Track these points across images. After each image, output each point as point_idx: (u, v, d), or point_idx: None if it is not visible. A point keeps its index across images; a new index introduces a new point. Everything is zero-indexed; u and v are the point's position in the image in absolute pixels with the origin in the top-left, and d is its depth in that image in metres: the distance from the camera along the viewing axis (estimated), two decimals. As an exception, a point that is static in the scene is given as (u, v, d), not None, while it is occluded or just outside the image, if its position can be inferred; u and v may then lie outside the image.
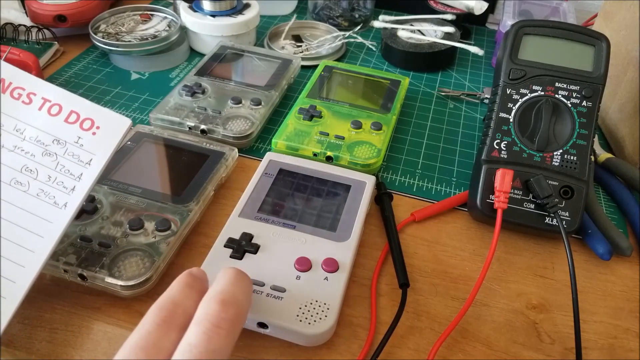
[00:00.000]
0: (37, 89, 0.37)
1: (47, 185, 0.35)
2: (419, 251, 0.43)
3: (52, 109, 0.37)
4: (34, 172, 0.35)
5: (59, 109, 0.37)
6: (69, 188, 0.35)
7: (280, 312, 0.34)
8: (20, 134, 0.36)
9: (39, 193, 0.35)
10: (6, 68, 0.37)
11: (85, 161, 0.35)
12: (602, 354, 0.37)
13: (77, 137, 0.36)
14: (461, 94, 0.62)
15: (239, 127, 0.51)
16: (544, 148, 0.44)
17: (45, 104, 0.37)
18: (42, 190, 0.35)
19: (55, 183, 0.35)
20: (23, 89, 0.37)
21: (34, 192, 0.35)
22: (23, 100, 0.37)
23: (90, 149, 0.36)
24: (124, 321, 0.36)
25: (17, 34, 0.65)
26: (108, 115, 0.37)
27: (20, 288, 0.33)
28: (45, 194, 0.35)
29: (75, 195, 0.35)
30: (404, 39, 0.66)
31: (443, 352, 0.36)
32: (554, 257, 0.43)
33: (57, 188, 0.35)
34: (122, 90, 0.59)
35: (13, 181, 0.35)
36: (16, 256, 0.33)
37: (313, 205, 0.42)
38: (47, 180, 0.35)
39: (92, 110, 0.37)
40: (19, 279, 0.33)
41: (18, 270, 0.33)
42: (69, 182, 0.35)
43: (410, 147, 0.54)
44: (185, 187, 0.43)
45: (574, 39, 0.46)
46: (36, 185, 0.35)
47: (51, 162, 0.35)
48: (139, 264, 0.37)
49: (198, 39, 0.66)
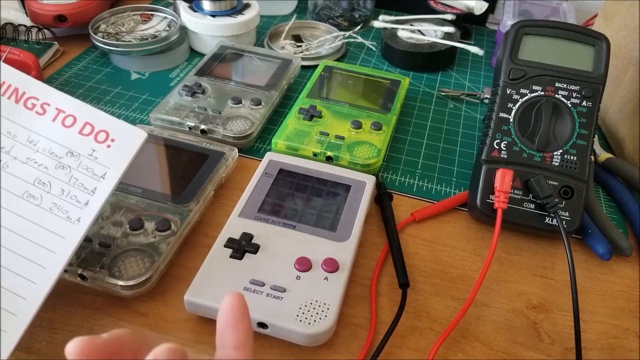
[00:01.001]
0: (51, 99, 0.36)
1: (60, 199, 0.34)
2: (419, 251, 0.43)
3: (67, 120, 0.35)
4: (47, 186, 0.34)
5: (73, 120, 0.35)
6: (83, 202, 0.34)
7: (280, 312, 0.34)
8: (33, 145, 0.35)
9: (51, 207, 0.34)
10: (20, 77, 0.36)
11: (99, 175, 0.34)
12: (602, 354, 0.37)
13: (92, 150, 0.35)
14: (461, 94, 0.62)
15: (239, 127, 0.51)
16: (544, 148, 0.44)
17: (60, 115, 0.36)
18: (55, 205, 0.34)
19: (69, 197, 0.34)
20: (37, 99, 0.36)
21: (46, 206, 0.34)
22: (37, 110, 0.36)
23: (104, 163, 0.35)
24: (124, 321, 0.36)
25: (17, 34, 0.65)
26: (123, 128, 0.35)
27: (32, 304, 0.32)
28: (58, 209, 0.34)
29: (89, 210, 0.34)
30: (404, 39, 0.66)
31: (443, 352, 0.36)
32: (554, 257, 0.43)
33: (70, 202, 0.34)
34: (122, 90, 0.59)
35: (26, 194, 0.34)
36: (28, 272, 0.32)
37: (313, 205, 0.42)
38: (60, 194, 0.34)
39: (107, 122, 0.35)
40: (30, 295, 0.32)
41: (29, 287, 0.32)
42: (83, 196, 0.34)
43: (410, 147, 0.54)
44: (185, 187, 0.43)
45: (574, 39, 0.46)
46: (49, 199, 0.34)
47: (65, 175, 0.34)
48: (139, 264, 0.37)
49: (198, 39, 0.66)
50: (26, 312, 0.31)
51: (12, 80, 0.36)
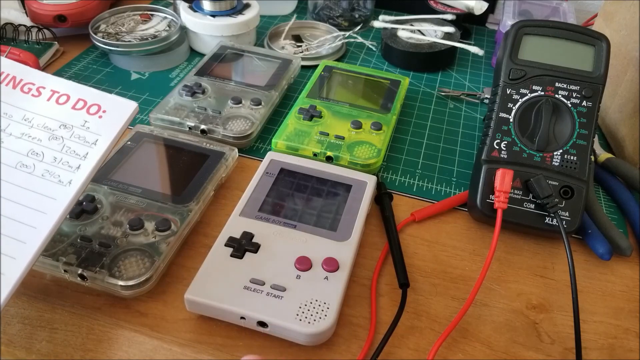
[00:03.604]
0: (47, 83, 0.38)
1: (53, 166, 0.35)
2: (419, 251, 0.43)
3: (60, 99, 0.38)
4: (40, 155, 0.36)
5: (67, 98, 0.38)
6: (74, 167, 0.35)
7: (280, 311, 0.34)
8: (28, 122, 0.37)
9: (44, 174, 0.35)
10: (17, 67, 0.39)
11: (91, 142, 0.36)
12: (602, 354, 0.37)
13: (84, 121, 0.37)
14: (461, 94, 0.62)
15: (239, 127, 0.51)
16: (544, 148, 0.44)
17: (54, 95, 0.38)
18: (48, 171, 0.35)
19: (61, 163, 0.36)
20: (33, 84, 0.38)
21: (39, 173, 0.35)
22: (32, 93, 0.38)
23: (96, 131, 0.37)
24: (124, 321, 0.36)
25: (17, 34, 0.65)
26: (114, 100, 0.38)
27: (20, 265, 0.33)
28: (50, 174, 0.35)
29: (80, 173, 0.35)
30: (404, 39, 0.66)
31: (443, 352, 0.36)
32: (554, 257, 0.43)
33: (62, 168, 0.35)
34: (122, 90, 0.59)
35: (19, 164, 0.35)
36: (18, 233, 0.33)
37: (314, 205, 0.42)
38: (52, 161, 0.36)
39: (99, 96, 0.38)
40: (19, 255, 0.33)
41: (19, 247, 0.33)
42: (74, 161, 0.36)
43: (410, 147, 0.54)
44: (185, 187, 0.43)
45: (574, 39, 0.46)
46: (42, 166, 0.35)
47: (57, 144, 0.36)
48: (139, 264, 0.37)
49: (198, 39, 0.66)
50: (14, 272, 0.32)
51: (10, 70, 0.39)
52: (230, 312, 0.34)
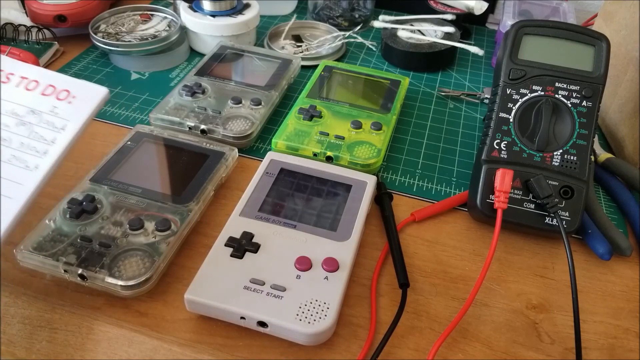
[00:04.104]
0: (16, 70, 0.39)
1: (19, 152, 0.36)
2: (419, 251, 0.43)
3: (29, 85, 0.38)
4: (7, 141, 0.36)
5: (36, 84, 0.38)
6: (41, 152, 0.36)
7: (280, 311, 0.34)
8: None
9: (10, 159, 0.36)
10: None
11: (59, 127, 0.37)
12: (602, 354, 0.37)
13: (53, 107, 0.37)
14: (461, 94, 0.62)
15: (239, 127, 0.51)
16: (544, 148, 0.44)
17: (23, 81, 0.38)
18: (14, 157, 0.36)
19: (28, 148, 0.36)
20: (2, 71, 0.39)
21: (5, 159, 0.36)
22: (1, 80, 0.38)
23: (64, 116, 0.37)
24: (124, 321, 0.36)
25: (17, 34, 0.65)
26: (84, 85, 0.38)
27: None
28: (17, 159, 0.36)
29: (48, 158, 0.36)
30: (404, 39, 0.66)
31: (443, 352, 0.36)
32: (554, 257, 0.43)
33: (29, 153, 0.36)
34: (122, 90, 0.59)
35: None
36: None
37: (314, 205, 0.42)
38: (19, 146, 0.36)
39: (69, 82, 0.38)
40: None
41: None
42: (42, 146, 0.36)
43: (410, 147, 0.54)
44: (185, 187, 0.43)
45: (574, 39, 0.46)
46: (8, 152, 0.36)
47: (25, 130, 0.37)
48: (139, 264, 0.37)
49: (198, 39, 0.66)
50: None
51: None
52: (230, 312, 0.34)
